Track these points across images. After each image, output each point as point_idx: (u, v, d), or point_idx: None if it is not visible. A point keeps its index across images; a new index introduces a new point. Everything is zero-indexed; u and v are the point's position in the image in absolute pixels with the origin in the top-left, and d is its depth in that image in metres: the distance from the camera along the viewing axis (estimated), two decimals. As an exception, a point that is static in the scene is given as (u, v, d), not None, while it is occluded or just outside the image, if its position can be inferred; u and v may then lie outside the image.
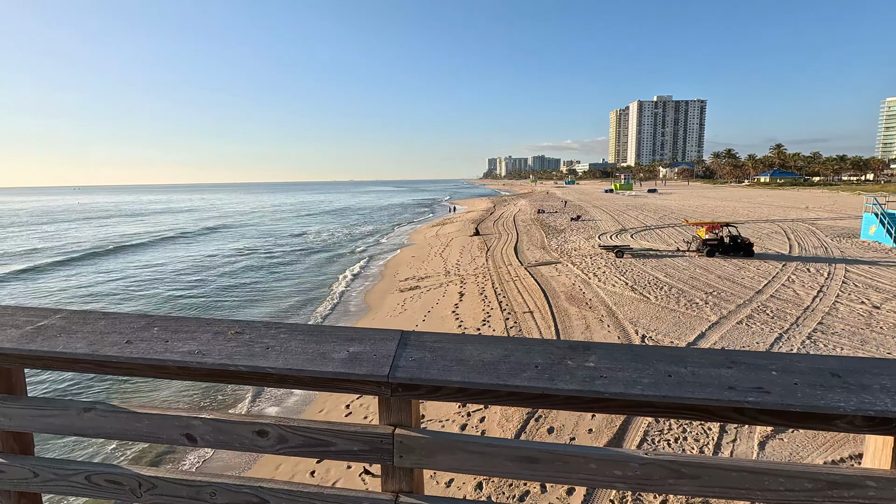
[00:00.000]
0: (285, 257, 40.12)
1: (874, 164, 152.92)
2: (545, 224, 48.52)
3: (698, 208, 62.83)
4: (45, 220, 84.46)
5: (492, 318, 18.17)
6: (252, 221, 77.63)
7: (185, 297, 26.26)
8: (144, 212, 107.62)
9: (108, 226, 73.35)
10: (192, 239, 53.91)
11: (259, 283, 29.97)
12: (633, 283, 21.12)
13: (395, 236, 52.87)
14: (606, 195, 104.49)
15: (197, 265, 36.14)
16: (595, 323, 16.38)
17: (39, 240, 53.68)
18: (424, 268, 30.79)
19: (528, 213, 63.36)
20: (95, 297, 26.44)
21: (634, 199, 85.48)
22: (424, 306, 21.49)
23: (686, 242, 29.02)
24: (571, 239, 36.44)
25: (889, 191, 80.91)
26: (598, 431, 9.87)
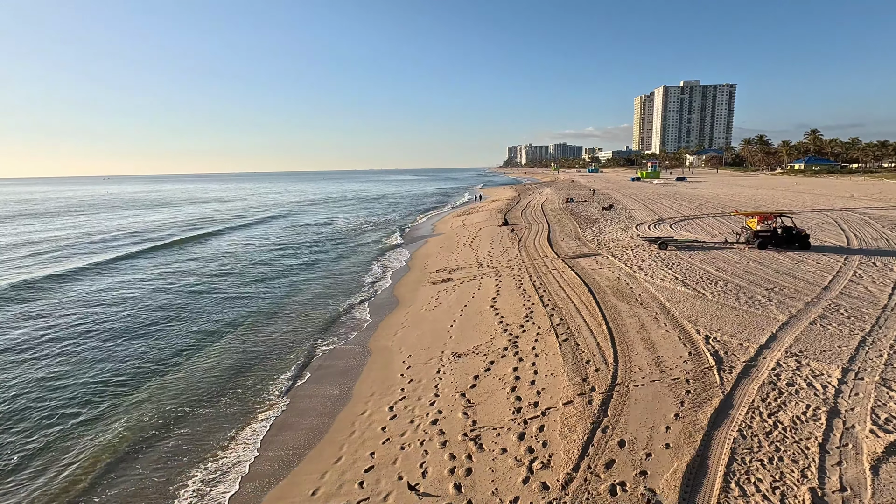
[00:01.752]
0: (317, 249, 39.68)
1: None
2: (576, 214, 47.02)
3: (734, 197, 60.27)
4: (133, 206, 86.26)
5: (535, 315, 17.19)
6: (296, 211, 77.85)
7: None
8: (200, 199, 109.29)
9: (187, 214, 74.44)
10: (254, 226, 54.32)
11: (294, 277, 29.57)
12: (683, 278, 19.84)
13: (420, 226, 52.04)
14: (634, 183, 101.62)
15: (259, 248, 36.06)
16: (650, 321, 15.25)
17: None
18: (455, 259, 29.85)
19: (556, 202, 61.72)
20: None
21: (664, 188, 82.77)
22: (460, 300, 20.60)
23: (735, 234, 27.42)
24: (607, 229, 35.00)
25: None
26: (676, 447, 8.87)
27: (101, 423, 12.63)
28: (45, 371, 15.75)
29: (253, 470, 10.40)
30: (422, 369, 14.13)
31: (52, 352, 17.40)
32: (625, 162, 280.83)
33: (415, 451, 9.97)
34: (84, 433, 12.14)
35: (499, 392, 11.97)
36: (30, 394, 14.24)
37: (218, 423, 12.45)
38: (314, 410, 12.82)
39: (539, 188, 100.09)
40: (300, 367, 15.68)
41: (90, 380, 15.07)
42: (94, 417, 12.92)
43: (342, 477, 9.56)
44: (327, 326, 19.48)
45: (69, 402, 13.74)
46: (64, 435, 12.08)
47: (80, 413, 13.12)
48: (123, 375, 15.39)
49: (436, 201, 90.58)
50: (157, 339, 18.56)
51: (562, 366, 12.73)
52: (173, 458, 11.02)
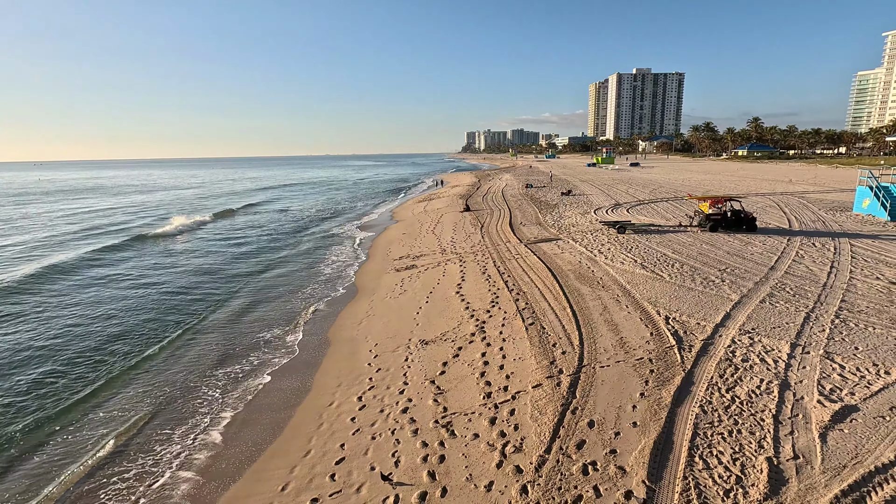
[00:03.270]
0: (270, 238, 38.38)
1: (847, 137, 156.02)
2: (536, 199, 47.64)
3: (685, 182, 62.78)
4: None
5: (500, 300, 17.28)
6: (248, 198, 74.69)
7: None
8: (150, 188, 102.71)
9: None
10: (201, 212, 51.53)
11: (250, 274, 28.46)
12: (642, 261, 20.47)
13: (379, 212, 51.33)
14: (590, 169, 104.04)
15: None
16: (612, 304, 15.65)
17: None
18: (418, 245, 29.63)
19: (516, 187, 62.31)
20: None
21: (619, 174, 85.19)
22: (425, 287, 20.46)
23: (688, 217, 28.54)
24: (567, 214, 35.66)
25: (866, 164, 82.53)
26: (643, 425, 9.14)
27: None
28: None
29: (216, 467, 9.97)
30: (389, 358, 13.94)
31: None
32: (581, 148, 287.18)
33: (386, 440, 9.83)
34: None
35: (468, 378, 11.97)
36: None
37: (179, 423, 11.85)
38: (277, 405, 12.42)
39: (498, 174, 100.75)
40: (260, 362, 15.12)
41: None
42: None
43: (312, 470, 9.31)
44: (287, 319, 18.86)
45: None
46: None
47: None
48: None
49: (395, 188, 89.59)
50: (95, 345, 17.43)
51: (529, 349, 12.87)
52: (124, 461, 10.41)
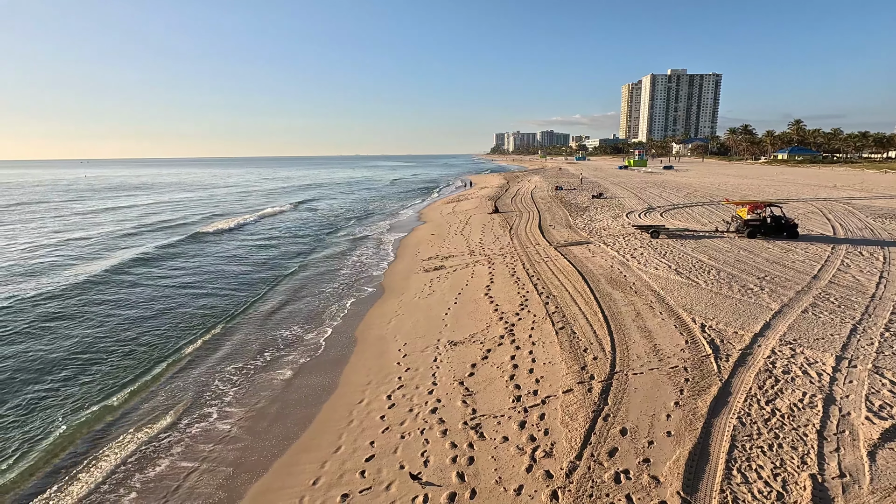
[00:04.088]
0: (300, 237, 39.18)
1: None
2: (565, 201, 47.08)
3: (721, 186, 60.92)
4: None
5: (530, 303, 17.17)
6: (279, 197, 76.58)
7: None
8: (191, 185, 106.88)
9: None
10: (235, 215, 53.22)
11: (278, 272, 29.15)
12: (676, 266, 19.98)
13: (408, 213, 51.66)
14: (622, 172, 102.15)
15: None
16: (645, 310, 15.33)
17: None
18: (446, 246, 29.70)
19: (545, 189, 61.73)
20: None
21: (651, 176, 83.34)
22: (453, 288, 20.50)
23: (725, 223, 27.68)
24: (598, 217, 35.11)
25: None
26: (677, 435, 8.92)
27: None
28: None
29: (248, 460, 10.23)
30: (418, 357, 14.03)
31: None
32: (612, 150, 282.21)
33: (415, 439, 9.90)
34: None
35: (497, 380, 11.94)
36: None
37: (208, 416, 12.23)
38: (306, 400, 12.66)
39: (527, 176, 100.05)
40: (289, 358, 15.43)
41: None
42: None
43: (343, 466, 9.46)
44: (315, 317, 19.18)
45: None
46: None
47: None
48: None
49: (424, 188, 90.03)
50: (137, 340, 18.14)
51: (559, 354, 12.74)
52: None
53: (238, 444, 10.79)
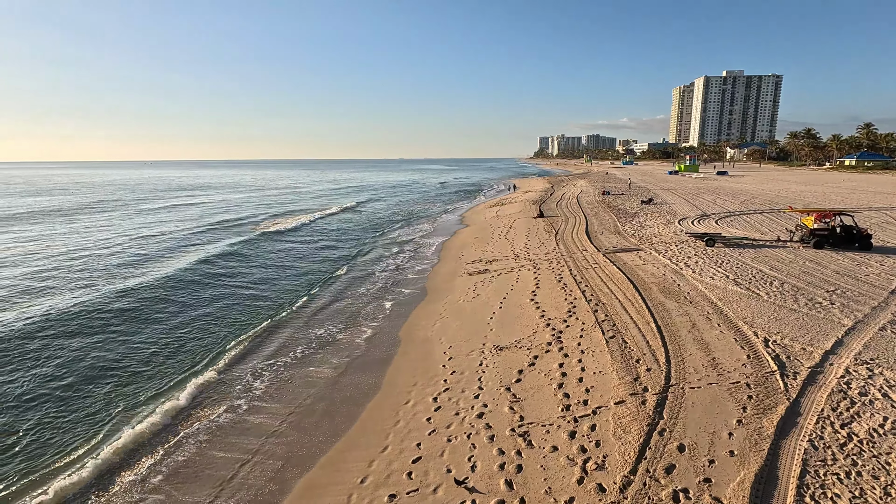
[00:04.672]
0: (343, 239, 40.03)
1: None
2: (613, 207, 45.84)
3: (781, 193, 57.58)
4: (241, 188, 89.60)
5: (578, 310, 16.76)
6: (323, 199, 78.86)
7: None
8: (241, 186, 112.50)
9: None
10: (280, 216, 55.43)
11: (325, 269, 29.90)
12: (735, 276, 18.98)
13: (451, 216, 51.77)
14: (672, 177, 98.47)
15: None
16: (702, 321, 14.62)
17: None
18: (490, 250, 29.52)
19: (592, 194, 60.36)
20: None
21: (704, 182, 79.89)
22: (498, 292, 20.31)
23: (788, 232, 26.08)
24: (648, 224, 33.94)
25: None
26: (741, 455, 8.41)
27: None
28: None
29: (296, 455, 10.46)
30: (464, 361, 13.96)
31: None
32: (661, 154, 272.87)
33: (462, 444, 9.82)
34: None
35: (545, 388, 11.69)
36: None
37: (259, 410, 12.61)
38: (354, 398, 12.82)
39: (573, 180, 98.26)
40: (332, 357, 15.68)
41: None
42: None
43: (390, 466, 9.51)
44: (359, 317, 19.45)
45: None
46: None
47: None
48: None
49: (467, 191, 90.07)
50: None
51: (610, 364, 12.34)
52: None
53: (286, 439, 11.06)
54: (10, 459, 10.59)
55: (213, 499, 9.19)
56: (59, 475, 10.01)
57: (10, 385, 13.76)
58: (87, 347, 16.40)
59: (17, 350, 15.99)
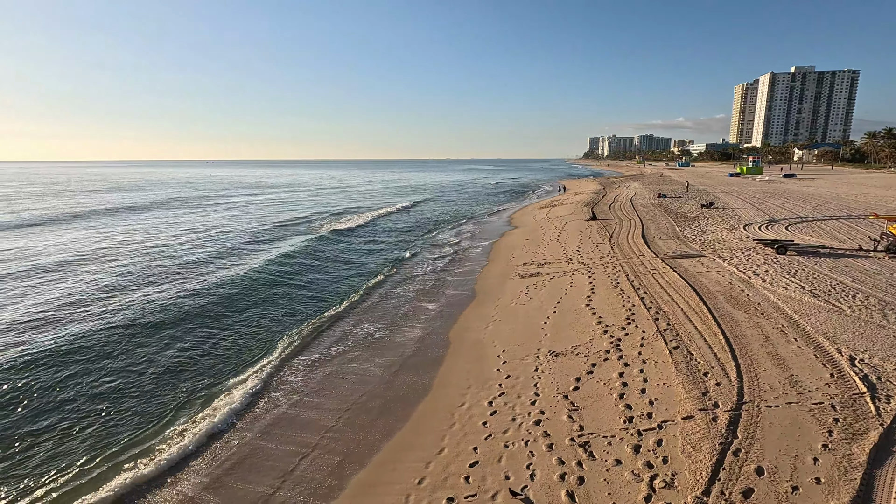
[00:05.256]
0: (390, 240, 40.55)
1: None
2: (670, 210, 43.95)
3: (860, 198, 53.21)
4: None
5: (637, 317, 16.11)
6: (369, 199, 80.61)
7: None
8: (296, 185, 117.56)
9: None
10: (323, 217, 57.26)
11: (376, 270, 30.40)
12: (811, 288, 17.66)
13: (500, 217, 51.35)
14: (733, 179, 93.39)
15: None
16: (776, 335, 13.67)
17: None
18: (542, 253, 29.01)
19: (646, 196, 58.18)
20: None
21: (770, 185, 75.17)
22: (552, 296, 19.88)
23: (872, 240, 24.00)
24: (710, 229, 32.27)
25: None
26: (830, 484, 7.75)
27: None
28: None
29: (353, 452, 10.60)
30: (518, 366, 13.72)
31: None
32: (720, 156, 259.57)
33: (520, 450, 9.63)
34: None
35: (605, 398, 11.29)
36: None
37: (310, 407, 12.90)
38: (407, 398, 12.86)
39: (625, 182, 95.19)
40: (387, 356, 15.82)
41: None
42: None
43: (447, 469, 9.45)
44: (407, 317, 19.53)
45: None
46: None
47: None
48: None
49: (516, 192, 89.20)
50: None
51: (675, 376, 11.75)
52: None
53: (343, 436, 11.24)
54: (86, 445, 11.38)
55: (275, 489, 9.48)
56: (130, 463, 10.64)
57: (90, 376, 14.83)
58: (153, 343, 17.43)
59: (102, 343, 17.23)
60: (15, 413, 12.47)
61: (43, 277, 25.60)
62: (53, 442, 11.31)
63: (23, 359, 15.32)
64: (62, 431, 11.71)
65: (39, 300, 21.59)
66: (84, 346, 16.47)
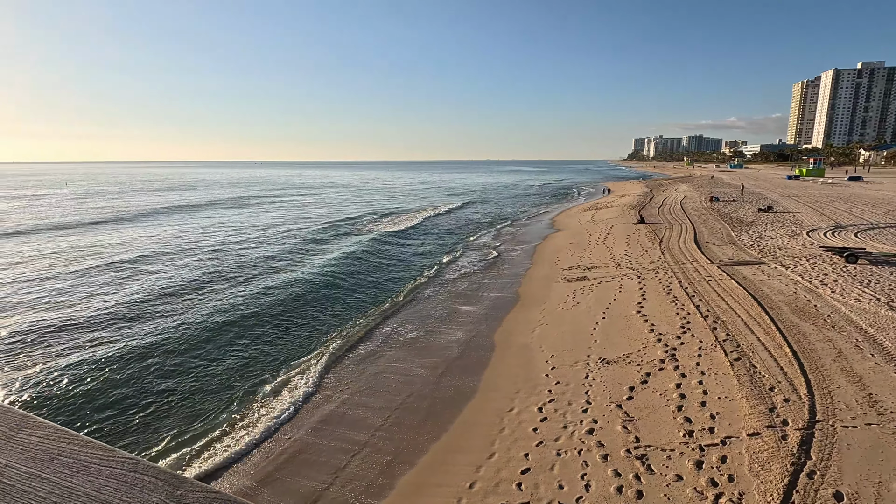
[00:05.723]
0: (430, 240, 40.72)
1: None
2: (724, 214, 42.02)
3: (937, 203, 49.11)
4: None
5: (693, 326, 15.45)
6: (408, 199, 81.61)
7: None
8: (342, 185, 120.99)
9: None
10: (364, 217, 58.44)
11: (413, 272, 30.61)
12: (888, 300, 16.39)
13: (542, 219, 50.63)
14: (792, 182, 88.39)
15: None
16: (850, 350, 12.76)
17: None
18: (588, 256, 28.35)
19: (697, 200, 55.89)
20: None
21: (834, 189, 70.58)
22: (600, 301, 19.37)
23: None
24: (769, 234, 30.60)
25: None
26: (920, 515, 7.12)
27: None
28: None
29: (402, 451, 10.65)
30: (567, 372, 13.43)
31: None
32: (776, 157, 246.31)
33: (573, 459, 9.39)
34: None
35: (662, 409, 10.85)
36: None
37: (360, 406, 13.06)
38: (453, 400, 12.80)
39: (673, 184, 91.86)
40: (431, 357, 15.82)
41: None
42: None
43: (498, 474, 9.34)
44: (450, 317, 19.50)
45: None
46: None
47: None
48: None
49: (557, 194, 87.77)
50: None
51: (738, 389, 11.16)
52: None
53: (392, 435, 11.30)
54: (129, 441, 11.97)
55: (328, 485, 9.64)
56: (185, 454, 11.11)
57: (146, 372, 15.64)
58: (214, 341, 18.20)
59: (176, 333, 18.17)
60: (92, 403, 13.32)
61: (117, 273, 27.34)
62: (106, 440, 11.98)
63: (105, 352, 16.37)
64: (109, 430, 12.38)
65: (113, 297, 23.03)
66: (145, 341, 17.41)
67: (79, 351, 16.29)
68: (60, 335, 17.75)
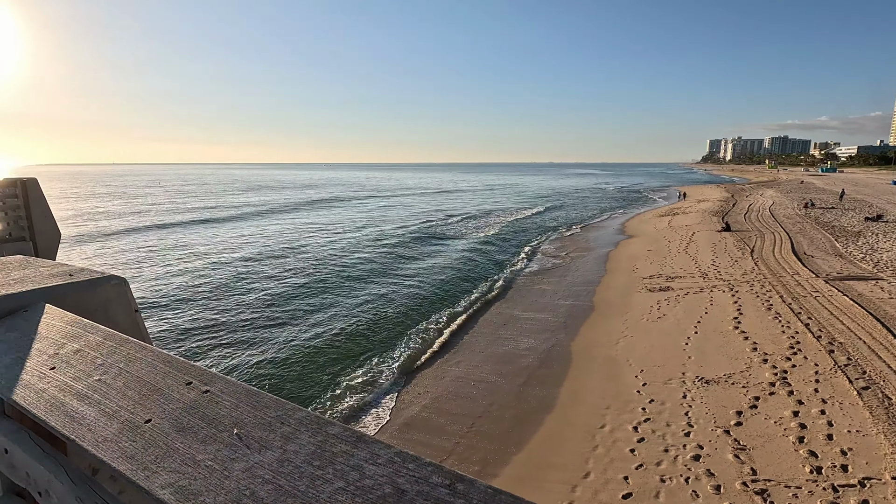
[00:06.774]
0: (496, 243, 40.21)
1: None
2: (823, 222, 38.24)
3: None
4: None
5: (804, 347, 13.98)
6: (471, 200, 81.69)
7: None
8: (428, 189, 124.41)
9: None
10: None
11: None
12: None
13: (616, 223, 48.58)
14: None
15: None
16: None
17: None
18: (669, 265, 26.71)
19: (789, 206, 51.40)
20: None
21: (954, 196, 62.47)
22: (689, 314, 18.09)
23: None
24: (882, 246, 27.40)
25: None
26: None
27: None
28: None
29: (490, 461, 10.35)
30: (661, 390, 12.54)
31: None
32: (877, 160, 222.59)
33: (679, 488, 8.66)
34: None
35: (778, 439, 9.80)
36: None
37: (437, 410, 12.88)
38: (539, 413, 12.29)
39: (756, 189, 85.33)
40: (513, 366, 15.38)
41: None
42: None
43: (596, 497, 8.80)
44: (529, 327, 18.90)
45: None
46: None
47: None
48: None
49: (628, 199, 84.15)
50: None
51: (872, 423, 9.87)
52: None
53: (477, 444, 11.01)
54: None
55: (417, 492, 9.52)
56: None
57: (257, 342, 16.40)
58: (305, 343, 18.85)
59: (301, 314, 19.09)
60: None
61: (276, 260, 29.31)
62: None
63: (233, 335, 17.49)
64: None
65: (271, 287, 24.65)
66: (246, 337, 18.36)
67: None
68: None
